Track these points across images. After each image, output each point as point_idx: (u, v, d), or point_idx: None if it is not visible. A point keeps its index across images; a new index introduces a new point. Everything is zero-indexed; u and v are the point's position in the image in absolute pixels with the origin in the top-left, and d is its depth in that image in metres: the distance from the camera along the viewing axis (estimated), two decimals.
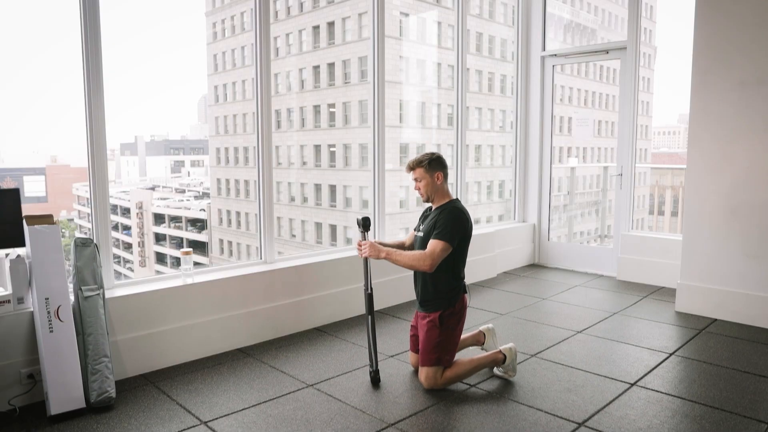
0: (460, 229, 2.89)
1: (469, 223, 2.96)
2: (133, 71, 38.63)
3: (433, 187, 2.97)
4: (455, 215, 2.89)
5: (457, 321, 2.99)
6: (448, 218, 2.88)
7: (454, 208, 2.93)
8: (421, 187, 2.99)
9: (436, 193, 2.99)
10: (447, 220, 2.87)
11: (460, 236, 2.90)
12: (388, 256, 2.92)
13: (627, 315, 4.23)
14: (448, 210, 2.93)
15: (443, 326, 2.93)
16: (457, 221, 2.88)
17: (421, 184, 2.99)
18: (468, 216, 2.97)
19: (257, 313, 3.65)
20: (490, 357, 3.04)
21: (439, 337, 2.92)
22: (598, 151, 20.28)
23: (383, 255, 2.93)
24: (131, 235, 20.88)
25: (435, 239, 2.85)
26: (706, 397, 2.84)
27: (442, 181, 2.98)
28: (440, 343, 2.92)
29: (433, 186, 2.97)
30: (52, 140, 36.49)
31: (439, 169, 2.98)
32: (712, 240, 4.14)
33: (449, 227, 2.85)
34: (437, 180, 2.97)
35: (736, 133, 4.00)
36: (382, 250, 2.93)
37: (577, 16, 20.96)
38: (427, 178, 2.96)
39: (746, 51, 3.92)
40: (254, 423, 2.61)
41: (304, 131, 19.37)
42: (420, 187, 3.00)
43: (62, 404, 2.64)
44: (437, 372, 2.92)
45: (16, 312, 2.74)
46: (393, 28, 16.66)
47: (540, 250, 6.04)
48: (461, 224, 2.90)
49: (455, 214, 2.90)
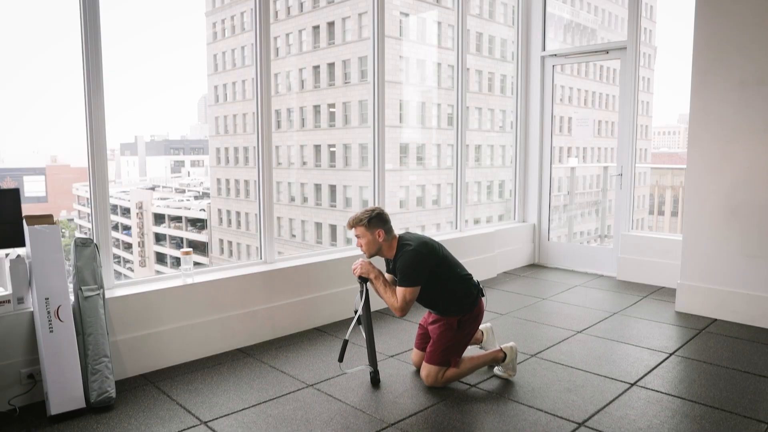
0: (420, 268, 2.88)
1: (426, 254, 2.91)
2: (133, 71, 38.64)
3: (375, 245, 2.96)
4: (410, 258, 2.87)
5: (473, 325, 3.01)
6: (404, 265, 2.88)
7: (407, 252, 2.89)
8: (363, 244, 2.99)
9: (380, 250, 2.98)
10: (404, 267, 2.88)
11: (426, 270, 2.89)
12: (375, 279, 2.96)
13: (627, 315, 4.23)
14: (402, 256, 2.91)
15: (459, 329, 2.95)
16: (413, 263, 2.87)
17: (363, 242, 2.98)
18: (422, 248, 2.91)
19: (257, 313, 3.65)
20: (491, 355, 3.05)
21: (453, 339, 2.94)
22: (598, 151, 20.27)
23: (372, 276, 2.97)
24: (131, 235, 20.88)
25: (400, 287, 2.88)
26: (706, 397, 2.84)
27: (384, 237, 2.96)
28: (452, 345, 2.94)
29: (374, 244, 2.96)
30: (52, 140, 36.50)
31: (380, 226, 2.95)
32: (712, 240, 4.14)
33: (408, 272, 2.86)
34: (378, 237, 2.95)
35: (736, 133, 4.00)
36: (372, 271, 2.97)
37: (577, 16, 20.96)
38: (367, 236, 2.95)
39: (746, 51, 3.92)
40: (254, 423, 2.61)
41: (304, 131, 19.37)
42: (362, 244, 2.99)
43: (62, 404, 2.64)
44: (440, 371, 2.93)
45: (16, 312, 2.74)
46: (393, 28, 16.67)
47: (540, 250, 6.04)
48: (419, 262, 2.88)
49: (409, 256, 2.88)
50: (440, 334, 2.95)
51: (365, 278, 2.99)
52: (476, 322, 3.03)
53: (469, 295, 2.97)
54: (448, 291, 2.95)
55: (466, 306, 2.96)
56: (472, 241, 5.15)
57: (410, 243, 2.93)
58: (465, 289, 2.97)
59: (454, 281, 2.96)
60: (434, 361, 2.94)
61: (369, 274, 2.97)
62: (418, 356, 3.17)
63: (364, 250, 3.00)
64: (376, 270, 2.98)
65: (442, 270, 2.95)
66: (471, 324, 3.00)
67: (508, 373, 3.06)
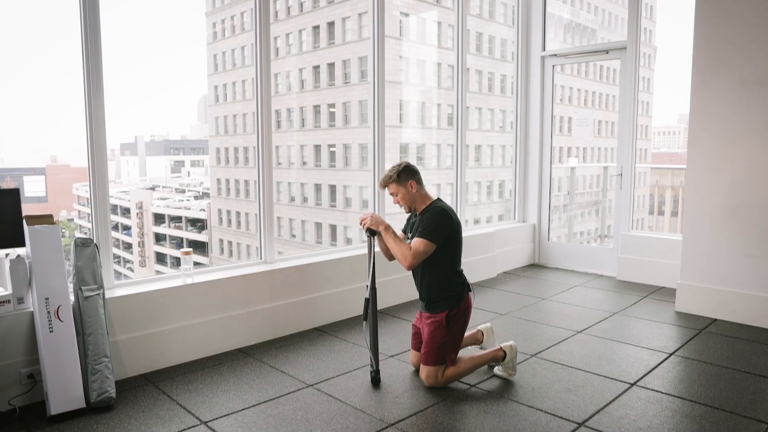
0: (443, 227, 2.89)
1: (453, 220, 2.94)
2: (133, 71, 38.66)
3: (410, 196, 2.99)
4: (438, 214, 2.90)
5: (462, 320, 3.00)
6: (430, 219, 2.89)
7: (436, 208, 2.93)
8: (400, 200, 3.01)
9: (415, 201, 3.00)
10: (429, 221, 2.89)
11: (445, 235, 2.90)
12: (385, 231, 2.93)
13: (627, 315, 4.23)
14: (430, 212, 2.93)
15: (449, 326, 2.94)
16: (439, 220, 2.89)
17: (399, 198, 3.00)
18: (452, 214, 2.95)
19: (257, 313, 3.65)
20: (491, 354, 3.05)
21: (444, 337, 2.93)
22: (598, 151, 20.28)
23: (382, 228, 2.94)
24: (131, 235, 20.89)
25: (418, 237, 2.87)
26: (706, 397, 2.84)
27: (417, 188, 2.99)
28: (445, 343, 2.94)
29: (410, 196, 2.98)
30: (52, 140, 36.55)
31: (410, 177, 2.98)
32: (712, 240, 4.14)
33: (431, 226, 2.87)
34: (411, 188, 2.97)
35: (736, 133, 4.00)
36: (382, 223, 2.96)
37: (577, 16, 20.96)
38: (401, 190, 2.98)
39: (746, 51, 3.92)
40: (254, 423, 2.61)
41: (304, 131, 19.38)
42: (399, 200, 3.02)
43: (62, 404, 2.64)
44: (439, 371, 2.93)
45: (16, 312, 2.74)
46: (393, 28, 16.67)
47: (540, 250, 6.04)
48: (444, 222, 2.90)
49: (438, 213, 2.91)
50: (431, 333, 2.95)
51: (374, 231, 2.97)
52: (464, 318, 3.01)
53: (457, 286, 2.98)
54: (444, 271, 2.95)
55: (453, 298, 2.95)
56: (472, 241, 5.15)
57: (439, 205, 2.96)
58: (454, 279, 2.98)
59: (449, 268, 2.97)
60: (430, 361, 2.94)
61: (378, 226, 2.94)
62: (415, 357, 3.17)
63: (403, 203, 3.01)
64: (385, 222, 2.97)
65: (452, 249, 2.96)
66: (459, 320, 2.98)
67: (507, 372, 3.06)
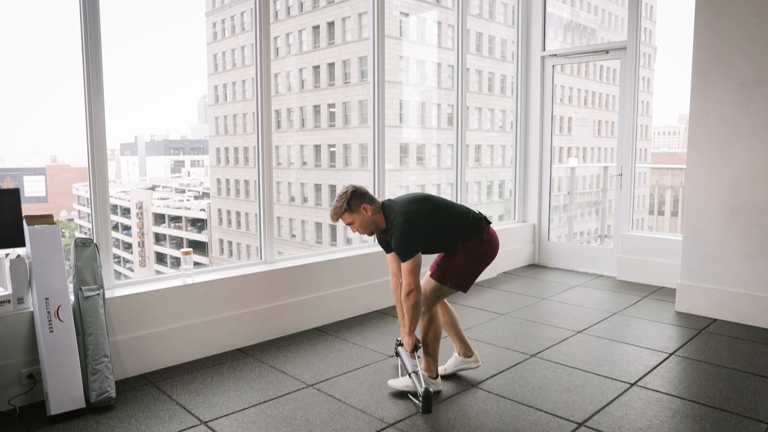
0: (413, 237, 2.72)
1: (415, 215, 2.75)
2: (133, 71, 38.67)
3: (367, 221, 2.81)
4: (401, 231, 2.71)
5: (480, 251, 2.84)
6: (398, 240, 2.72)
7: (396, 226, 2.74)
8: (358, 228, 2.83)
9: (375, 222, 2.83)
10: (398, 243, 2.72)
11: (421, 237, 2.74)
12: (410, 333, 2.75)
13: (627, 315, 4.23)
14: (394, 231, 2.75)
15: (466, 250, 2.81)
16: (406, 236, 2.71)
17: (357, 226, 2.83)
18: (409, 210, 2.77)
19: (257, 313, 3.65)
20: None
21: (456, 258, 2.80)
22: (598, 151, 20.29)
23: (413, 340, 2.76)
24: (131, 235, 20.89)
25: (403, 263, 2.71)
26: (706, 397, 2.84)
27: (372, 210, 2.80)
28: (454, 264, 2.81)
29: (367, 220, 2.81)
30: (52, 140, 36.56)
31: (361, 201, 2.80)
32: (712, 240, 4.14)
33: (403, 247, 2.70)
34: (366, 212, 2.80)
35: (736, 133, 4.00)
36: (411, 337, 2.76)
37: (577, 16, 20.97)
38: (356, 218, 2.80)
39: (746, 51, 3.92)
40: (254, 423, 2.61)
41: (304, 131, 19.37)
42: (357, 228, 2.84)
43: (62, 404, 2.64)
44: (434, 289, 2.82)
45: (16, 312, 2.74)
46: (393, 28, 16.67)
47: (540, 250, 6.04)
48: (411, 232, 2.72)
49: (399, 230, 2.72)
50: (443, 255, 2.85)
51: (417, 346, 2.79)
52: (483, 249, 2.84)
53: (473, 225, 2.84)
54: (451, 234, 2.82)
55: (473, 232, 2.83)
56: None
57: (398, 213, 2.77)
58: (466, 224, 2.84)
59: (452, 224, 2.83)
60: (433, 273, 2.86)
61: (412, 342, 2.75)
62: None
63: (361, 231, 2.85)
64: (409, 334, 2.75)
65: (437, 223, 2.80)
66: (478, 249, 2.82)
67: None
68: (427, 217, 2.80)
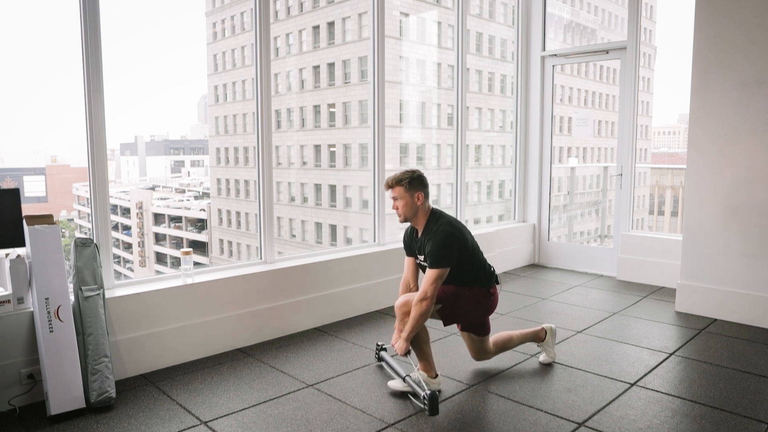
0: (452, 249, 2.71)
1: (460, 233, 2.78)
2: (133, 71, 38.61)
3: (412, 208, 2.78)
4: (443, 239, 2.70)
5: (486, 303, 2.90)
6: (437, 246, 2.70)
7: (439, 233, 2.72)
8: (399, 206, 2.79)
9: (416, 214, 2.80)
10: (436, 249, 2.70)
11: (456, 254, 2.74)
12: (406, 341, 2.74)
13: (627, 315, 4.23)
14: (434, 236, 2.73)
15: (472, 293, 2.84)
16: (446, 245, 2.70)
17: (399, 204, 2.79)
18: (456, 226, 2.81)
19: (257, 313, 3.65)
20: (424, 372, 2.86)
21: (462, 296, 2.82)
22: (598, 151, 20.29)
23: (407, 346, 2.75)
24: (131, 235, 20.88)
25: (431, 269, 2.70)
26: (706, 397, 2.84)
27: (423, 202, 2.78)
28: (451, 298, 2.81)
29: (412, 207, 2.78)
30: (52, 140, 36.55)
31: (421, 189, 2.78)
32: (712, 240, 4.14)
33: (440, 254, 2.69)
34: (418, 200, 2.77)
35: (736, 133, 4.00)
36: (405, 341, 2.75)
37: (577, 16, 20.98)
38: (406, 198, 2.77)
39: (746, 51, 3.92)
40: (254, 423, 2.61)
41: (304, 131, 19.37)
42: (398, 206, 2.80)
43: (62, 404, 2.64)
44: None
45: (16, 312, 2.74)
46: (393, 28, 16.66)
47: (540, 250, 6.04)
48: (451, 244, 2.71)
49: (442, 238, 2.70)
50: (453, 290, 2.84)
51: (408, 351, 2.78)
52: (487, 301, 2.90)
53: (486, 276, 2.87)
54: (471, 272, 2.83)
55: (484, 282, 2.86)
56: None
57: (443, 222, 2.77)
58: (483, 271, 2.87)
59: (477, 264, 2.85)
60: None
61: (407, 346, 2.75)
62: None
63: (400, 212, 2.80)
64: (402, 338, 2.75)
65: (469, 256, 2.82)
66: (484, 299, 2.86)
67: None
68: (468, 242, 2.84)
